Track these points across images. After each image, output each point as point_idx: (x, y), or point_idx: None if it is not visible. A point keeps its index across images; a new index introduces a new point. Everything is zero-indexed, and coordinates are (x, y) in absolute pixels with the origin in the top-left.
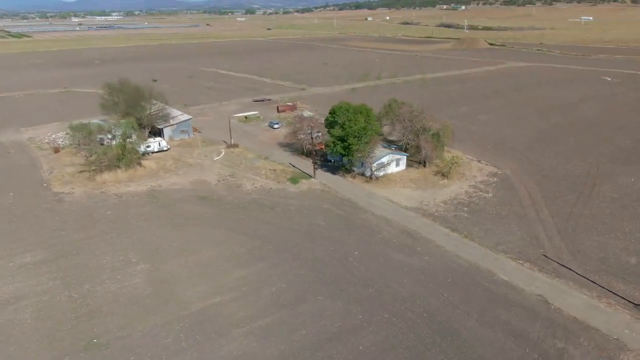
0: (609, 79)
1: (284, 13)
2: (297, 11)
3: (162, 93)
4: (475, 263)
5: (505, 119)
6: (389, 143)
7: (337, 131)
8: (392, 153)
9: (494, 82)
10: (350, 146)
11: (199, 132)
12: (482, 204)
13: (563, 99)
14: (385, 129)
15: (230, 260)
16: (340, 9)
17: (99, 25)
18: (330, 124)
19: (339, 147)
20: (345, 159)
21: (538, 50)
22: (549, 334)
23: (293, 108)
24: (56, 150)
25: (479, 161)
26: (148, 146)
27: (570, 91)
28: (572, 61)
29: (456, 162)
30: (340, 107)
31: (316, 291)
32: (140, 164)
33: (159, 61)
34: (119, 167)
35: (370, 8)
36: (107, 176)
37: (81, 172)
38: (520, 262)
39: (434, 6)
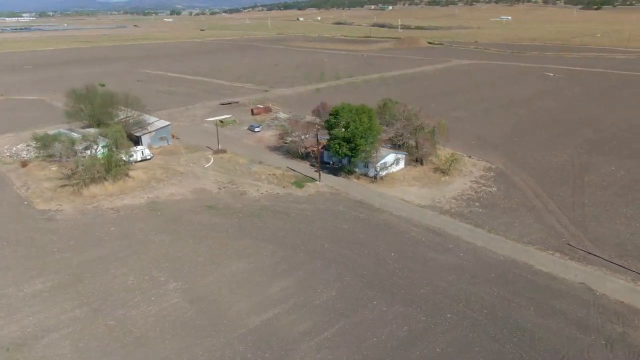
0: (551, 75)
1: (212, 14)
2: (225, 11)
3: (139, 98)
4: (509, 256)
5: (476, 115)
6: (384, 142)
7: (341, 132)
8: (394, 152)
9: (449, 80)
10: (358, 147)
11: (177, 138)
12: (491, 198)
13: (519, 95)
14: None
15: (265, 271)
16: (269, 9)
17: (13, 27)
18: (331, 126)
19: (344, 148)
20: (346, 160)
21: (475, 48)
22: (606, 319)
23: (267, 110)
24: (24, 164)
25: (470, 157)
26: (131, 155)
27: (522, 87)
28: (511, 58)
29: (456, 159)
30: (343, 107)
31: (368, 297)
32: (127, 175)
33: (98, 65)
34: (105, 179)
35: (299, 8)
36: (95, 190)
37: (63, 186)
38: (550, 252)
39: (362, 6)
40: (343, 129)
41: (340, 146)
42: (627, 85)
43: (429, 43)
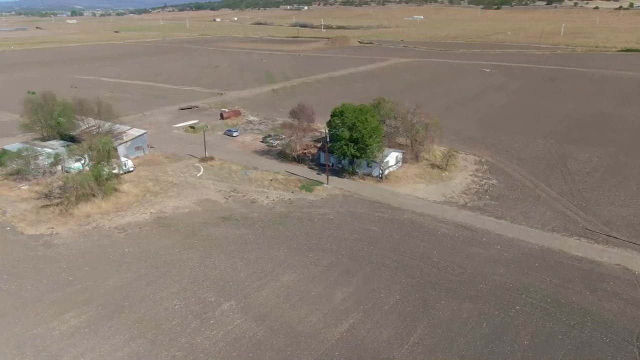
0: (487, 70)
1: (118, 14)
2: (132, 12)
3: (111, 105)
4: (543, 245)
5: (439, 111)
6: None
7: (346, 133)
8: (395, 151)
9: (398, 78)
10: (368, 147)
11: (152, 147)
12: (496, 190)
13: (469, 90)
14: None
15: (318, 281)
16: (180, 10)
17: None
18: (335, 127)
19: (351, 149)
20: (347, 162)
21: (405, 46)
22: None
23: (237, 114)
24: None
25: (457, 151)
26: (114, 168)
27: (467, 82)
28: (443, 56)
29: (453, 155)
30: (347, 108)
31: (433, 297)
32: (116, 190)
33: (15, 70)
34: (94, 195)
35: (212, 9)
36: (87, 208)
37: (45, 207)
38: (576, 237)
39: (277, 7)
40: (347, 130)
41: (348, 147)
42: (558, 79)
43: (360, 42)
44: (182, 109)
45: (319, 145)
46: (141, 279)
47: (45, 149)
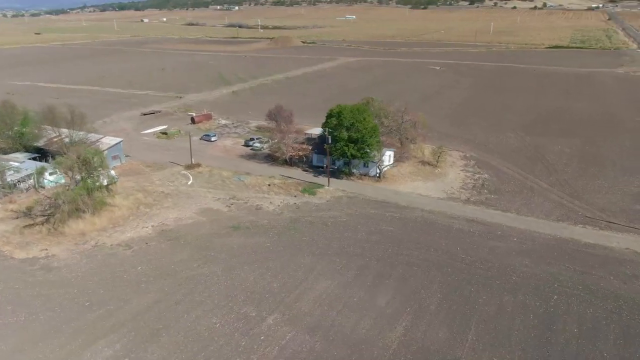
0: (437, 68)
1: (32, 15)
2: (49, 13)
3: (84, 113)
4: (555, 235)
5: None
6: None
7: (345, 133)
8: (388, 150)
9: (354, 77)
10: (370, 146)
11: (127, 156)
12: (491, 184)
13: (427, 88)
14: None
15: (355, 286)
16: (102, 10)
17: None
18: (333, 128)
19: (351, 149)
20: (341, 162)
21: (348, 46)
22: None
23: (208, 117)
24: None
25: (446, 148)
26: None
27: (421, 80)
28: (389, 54)
29: (443, 151)
30: (344, 108)
31: (473, 293)
32: (105, 203)
33: None
34: (83, 211)
35: (137, 9)
36: (80, 225)
37: (27, 226)
38: (581, 225)
39: (207, 7)
40: (345, 131)
41: (348, 148)
42: (505, 75)
43: (303, 42)
44: (144, 114)
45: (305, 146)
46: (167, 299)
47: (11, 163)
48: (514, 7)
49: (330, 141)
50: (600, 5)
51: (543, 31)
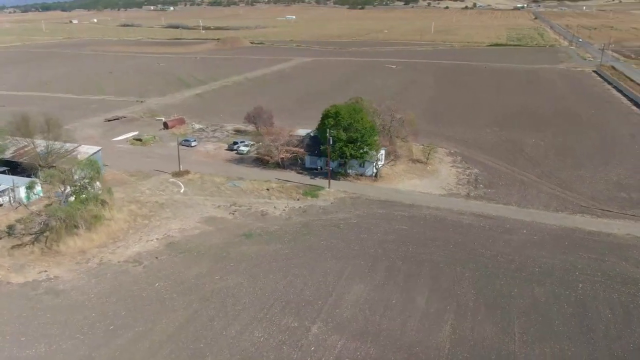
0: (394, 67)
1: None
2: None
3: (58, 120)
4: (560, 225)
5: None
6: None
7: (343, 134)
8: (382, 149)
9: (315, 77)
10: (370, 146)
11: (106, 165)
12: (484, 179)
13: (390, 87)
14: None
15: (388, 288)
16: (24, 12)
17: None
18: (330, 128)
19: (350, 149)
20: (336, 163)
21: (298, 46)
22: None
23: (181, 122)
24: None
25: (436, 146)
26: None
27: (383, 79)
28: (341, 54)
29: (433, 149)
30: (341, 108)
31: (504, 286)
32: (96, 217)
33: None
34: (76, 227)
35: (63, 10)
36: (76, 243)
37: (15, 247)
38: (580, 214)
39: (140, 7)
40: (343, 131)
41: (347, 148)
42: (459, 73)
43: (251, 43)
44: (108, 120)
45: (297, 149)
46: (199, 316)
47: None
48: (447, 7)
49: (331, 142)
50: (525, 5)
51: (478, 29)
